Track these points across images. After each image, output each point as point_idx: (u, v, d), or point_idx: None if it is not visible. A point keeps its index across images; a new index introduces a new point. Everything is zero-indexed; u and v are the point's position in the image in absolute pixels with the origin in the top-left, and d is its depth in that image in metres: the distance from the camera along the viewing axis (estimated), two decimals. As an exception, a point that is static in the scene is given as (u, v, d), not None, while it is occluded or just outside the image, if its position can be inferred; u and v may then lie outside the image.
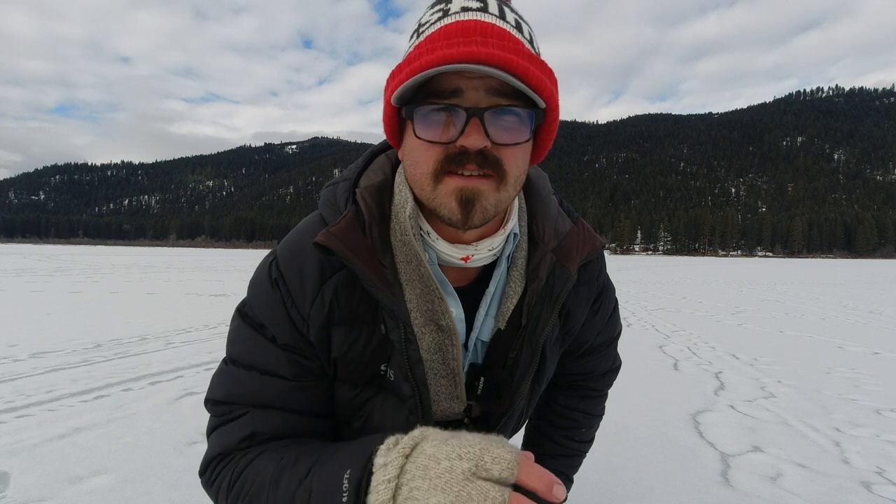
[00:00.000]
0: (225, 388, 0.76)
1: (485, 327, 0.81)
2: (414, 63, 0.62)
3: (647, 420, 2.77)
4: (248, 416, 0.74)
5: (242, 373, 0.75)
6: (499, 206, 0.68)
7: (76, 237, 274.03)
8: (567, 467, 1.10)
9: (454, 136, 0.64)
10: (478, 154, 0.64)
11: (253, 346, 0.76)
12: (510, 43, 0.62)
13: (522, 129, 0.66)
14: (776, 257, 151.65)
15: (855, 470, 2.16)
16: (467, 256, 0.75)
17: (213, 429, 0.77)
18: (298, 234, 0.80)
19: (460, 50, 0.60)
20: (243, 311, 0.79)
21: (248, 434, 0.72)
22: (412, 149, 0.69)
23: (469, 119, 0.63)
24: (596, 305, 0.94)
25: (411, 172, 0.71)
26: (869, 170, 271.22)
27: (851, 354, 4.69)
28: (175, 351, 4.33)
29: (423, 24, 0.70)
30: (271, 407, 0.74)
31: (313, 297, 0.74)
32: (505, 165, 0.66)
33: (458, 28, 0.64)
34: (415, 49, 0.66)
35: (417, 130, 0.65)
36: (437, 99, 0.64)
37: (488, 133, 0.63)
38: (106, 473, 2.00)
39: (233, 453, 0.73)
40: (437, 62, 0.60)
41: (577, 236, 0.86)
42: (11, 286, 9.96)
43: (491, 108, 0.63)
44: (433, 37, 0.65)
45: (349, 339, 0.75)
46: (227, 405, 0.75)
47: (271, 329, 0.75)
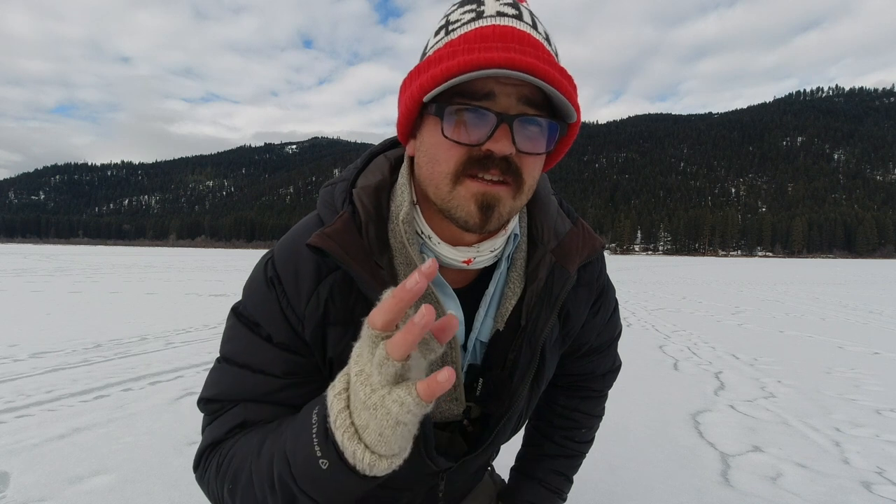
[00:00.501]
0: (218, 387, 0.77)
1: (484, 328, 0.81)
2: (448, 61, 0.62)
3: (647, 420, 2.77)
4: (238, 408, 0.74)
5: (236, 371, 0.76)
6: (512, 213, 0.69)
7: (76, 237, 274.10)
8: (567, 467, 1.10)
9: (482, 139, 0.64)
10: (502, 160, 0.64)
11: (247, 345, 0.76)
12: (544, 54, 0.63)
13: (544, 140, 0.67)
14: (776, 257, 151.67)
15: (855, 470, 2.16)
16: (469, 259, 0.75)
17: (205, 426, 0.78)
18: (295, 233, 0.80)
19: (500, 55, 0.60)
20: (238, 310, 0.79)
21: (239, 423, 0.73)
22: (432, 146, 0.68)
23: (499, 124, 0.63)
24: (596, 307, 0.94)
25: (427, 170, 0.70)
26: (869, 170, 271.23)
27: (851, 354, 4.69)
28: (175, 351, 4.33)
29: (452, 21, 0.69)
30: (265, 402, 0.74)
31: (308, 297, 0.74)
32: (524, 174, 0.67)
33: (496, 32, 0.64)
34: (446, 46, 0.66)
35: (445, 129, 0.65)
36: (467, 100, 0.64)
37: (515, 140, 0.64)
38: (106, 473, 2.00)
39: (222, 443, 0.74)
40: (475, 64, 0.60)
41: (576, 237, 0.85)
42: (11, 286, 9.96)
43: (520, 115, 0.64)
44: (468, 37, 0.65)
45: (345, 339, 0.75)
46: (219, 402, 0.76)
47: (266, 328, 0.75)
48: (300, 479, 0.58)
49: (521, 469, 1.11)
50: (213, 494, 0.73)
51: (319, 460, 0.54)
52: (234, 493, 0.67)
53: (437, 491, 0.92)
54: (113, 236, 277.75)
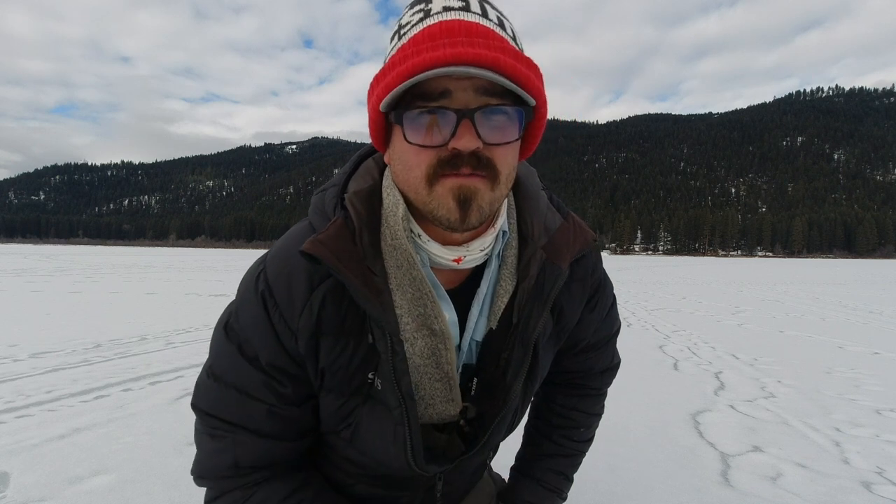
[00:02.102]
0: (209, 402, 0.79)
1: (478, 327, 0.81)
2: (399, 67, 0.61)
3: (647, 420, 2.77)
4: (229, 441, 0.77)
5: (223, 390, 0.77)
6: (493, 205, 0.68)
7: (76, 237, 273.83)
8: (566, 467, 1.09)
9: (446, 139, 0.63)
10: (471, 156, 0.63)
11: (233, 366, 0.77)
12: (495, 41, 0.62)
13: (512, 128, 0.66)
14: (776, 257, 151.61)
15: (855, 470, 2.16)
16: (459, 258, 0.74)
17: (198, 435, 0.81)
18: (286, 243, 0.79)
19: (446, 52, 0.59)
20: (227, 324, 0.79)
21: (232, 463, 0.78)
22: (402, 153, 0.68)
23: (460, 121, 0.62)
24: (592, 302, 0.93)
25: (403, 177, 0.70)
26: (869, 170, 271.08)
27: (851, 354, 4.69)
28: (175, 351, 4.33)
29: (403, 25, 0.68)
30: (252, 432, 0.77)
31: (301, 309, 0.74)
32: (497, 165, 0.66)
33: (442, 29, 0.63)
34: (398, 52, 0.65)
35: (408, 135, 0.64)
36: (425, 102, 0.63)
37: (479, 134, 0.63)
38: (106, 473, 2.00)
39: (223, 481, 0.79)
40: (424, 65, 0.59)
41: (567, 232, 0.84)
42: (11, 286, 9.95)
43: (481, 108, 0.63)
44: (417, 38, 0.64)
45: (336, 348, 0.75)
46: (211, 419, 0.78)
47: (254, 346, 0.75)
48: None
49: (520, 468, 1.11)
50: None
51: None
52: None
53: (436, 491, 0.92)
54: (113, 236, 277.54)
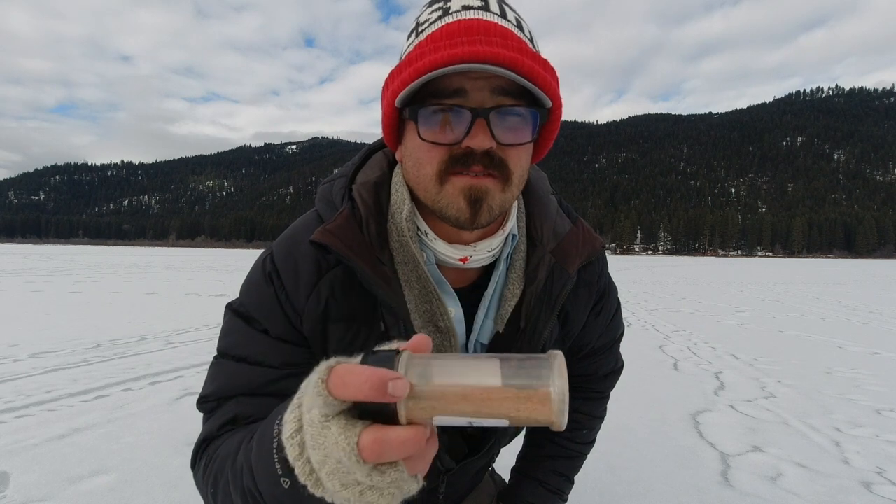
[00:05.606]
0: (215, 383, 0.75)
1: (484, 329, 0.80)
2: (416, 63, 0.61)
3: (647, 420, 2.77)
4: (232, 402, 0.72)
5: (233, 365, 0.74)
6: (503, 205, 0.68)
7: (76, 237, 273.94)
8: (567, 468, 1.09)
9: (459, 137, 0.63)
10: (483, 155, 0.63)
11: (244, 338, 0.75)
12: (513, 42, 0.62)
13: (527, 129, 0.66)
14: (776, 257, 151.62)
15: (855, 470, 2.16)
16: (465, 257, 0.74)
17: (203, 424, 0.76)
18: (294, 231, 0.79)
19: (465, 49, 0.59)
20: (234, 306, 0.78)
21: (231, 418, 0.70)
22: (414, 149, 0.68)
23: (475, 120, 0.62)
24: (598, 308, 0.93)
25: (414, 174, 0.70)
26: (869, 170, 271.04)
27: (851, 354, 4.69)
28: (175, 351, 4.33)
29: (422, 22, 0.69)
30: (258, 394, 0.72)
31: (308, 292, 0.73)
32: (510, 165, 0.66)
33: (461, 27, 0.63)
34: (415, 48, 0.65)
35: (422, 132, 0.64)
36: (440, 99, 0.63)
37: (494, 133, 0.63)
38: (106, 473, 2.00)
39: (213, 441, 0.70)
40: (441, 62, 0.59)
41: (576, 237, 0.84)
42: (11, 286, 9.95)
43: (496, 108, 0.63)
44: (435, 36, 0.64)
45: (347, 336, 0.75)
46: (214, 399, 0.74)
47: (263, 322, 0.74)
48: (266, 496, 0.50)
49: (521, 469, 1.11)
50: (203, 495, 0.69)
51: (280, 479, 0.45)
52: (216, 496, 0.62)
53: (438, 493, 0.92)
54: (113, 236, 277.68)
